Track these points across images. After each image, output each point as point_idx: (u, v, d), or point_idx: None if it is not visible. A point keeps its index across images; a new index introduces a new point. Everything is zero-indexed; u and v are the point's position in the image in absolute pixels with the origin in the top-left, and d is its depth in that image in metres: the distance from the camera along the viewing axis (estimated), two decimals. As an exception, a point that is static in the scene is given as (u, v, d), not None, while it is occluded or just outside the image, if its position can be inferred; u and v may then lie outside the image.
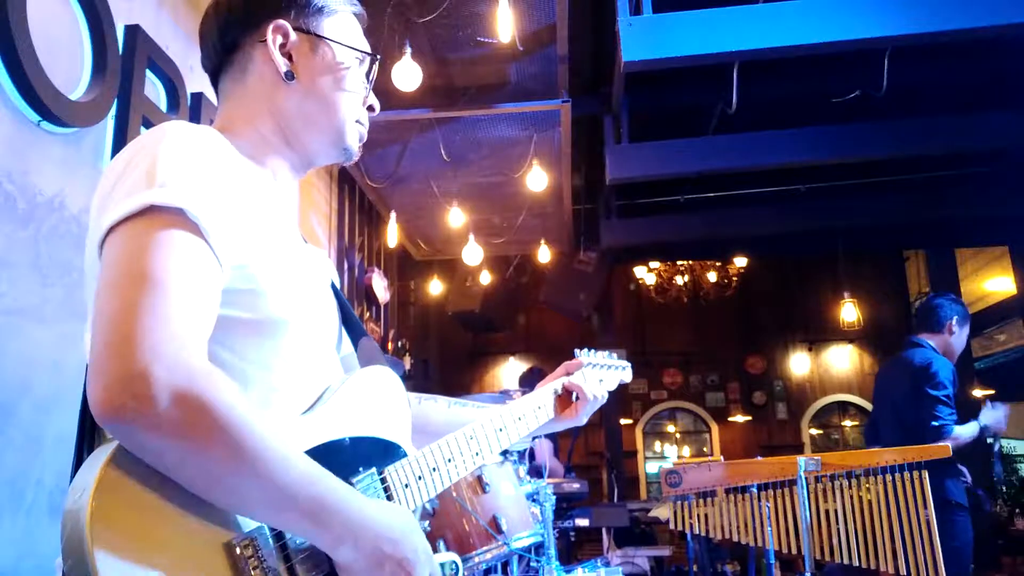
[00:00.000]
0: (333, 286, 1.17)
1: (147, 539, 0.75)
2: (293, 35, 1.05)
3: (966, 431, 2.98)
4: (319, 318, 1.03)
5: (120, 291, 0.78)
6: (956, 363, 3.17)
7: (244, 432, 0.78)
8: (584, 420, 1.42)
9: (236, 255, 0.88)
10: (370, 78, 1.13)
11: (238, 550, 0.81)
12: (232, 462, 0.78)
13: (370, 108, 1.13)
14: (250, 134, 1.05)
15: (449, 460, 1.11)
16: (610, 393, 1.57)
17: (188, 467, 0.77)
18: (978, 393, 6.74)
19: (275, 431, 0.83)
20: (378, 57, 1.12)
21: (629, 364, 1.64)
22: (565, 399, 1.41)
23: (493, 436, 1.22)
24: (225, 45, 1.07)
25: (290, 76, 1.04)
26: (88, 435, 0.88)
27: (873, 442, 3.36)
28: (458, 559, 1.11)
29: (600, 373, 1.52)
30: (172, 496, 0.78)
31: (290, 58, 1.05)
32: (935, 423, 2.91)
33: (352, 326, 1.15)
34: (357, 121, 1.10)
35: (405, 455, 1.06)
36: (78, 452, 0.89)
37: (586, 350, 1.53)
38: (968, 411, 3.13)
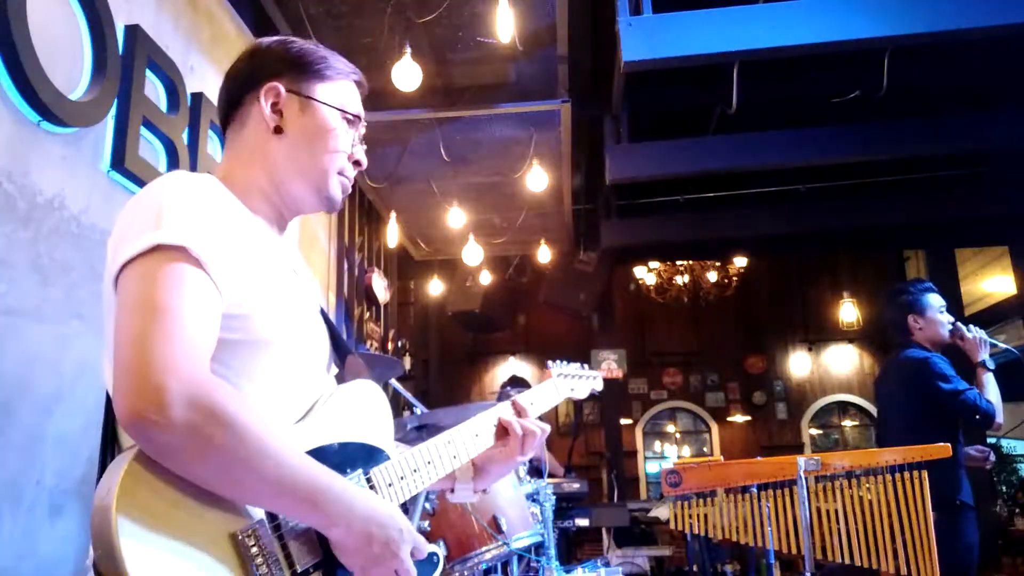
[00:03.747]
0: (323, 312, 1.28)
1: (164, 530, 0.86)
2: (285, 94, 1.17)
3: (990, 386, 2.91)
4: (306, 339, 1.15)
5: (135, 318, 0.91)
6: (951, 351, 3.12)
7: (248, 432, 0.90)
8: (527, 454, 1.38)
9: (232, 285, 1.00)
10: (358, 138, 1.25)
11: (242, 539, 0.92)
12: (238, 458, 0.89)
13: (356, 163, 1.24)
14: (245, 180, 1.16)
15: (428, 463, 1.22)
16: (609, 392, 1.57)
17: (200, 464, 0.89)
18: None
19: (274, 431, 0.95)
20: (363, 119, 1.26)
21: (600, 374, 1.76)
22: (502, 432, 1.38)
23: (470, 441, 1.32)
24: (230, 101, 1.21)
25: (278, 130, 1.16)
26: (110, 442, 1.02)
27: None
28: (439, 549, 1.19)
29: (570, 383, 1.64)
30: (185, 493, 0.90)
31: (281, 115, 1.17)
32: (980, 409, 2.81)
33: (339, 346, 1.28)
34: (340, 174, 1.21)
35: (388, 458, 1.17)
36: (102, 458, 1.04)
37: (558, 361, 1.65)
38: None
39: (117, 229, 1.02)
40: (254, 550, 0.93)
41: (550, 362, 1.63)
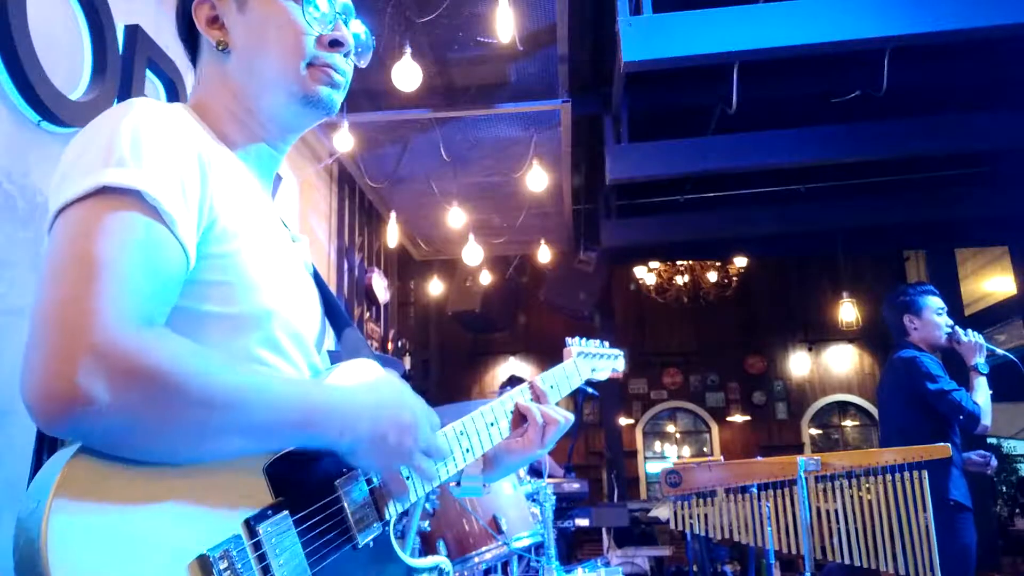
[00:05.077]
0: (315, 274, 1.11)
1: (111, 556, 0.67)
2: (220, 4, 1.00)
3: (980, 389, 2.92)
4: (300, 310, 0.97)
5: (60, 279, 0.72)
6: (949, 354, 3.13)
7: (207, 379, 0.74)
8: (548, 446, 1.21)
9: (210, 244, 0.84)
10: (329, 16, 1.01)
11: (212, 563, 0.74)
12: (205, 413, 0.73)
13: (334, 44, 1.00)
14: (216, 106, 1.00)
15: None
16: (609, 392, 1.53)
17: (163, 439, 0.72)
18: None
19: (241, 367, 0.81)
20: None
21: (621, 352, 1.58)
22: (519, 421, 1.23)
23: (484, 432, 1.17)
24: (183, 38, 1.06)
25: (222, 47, 0.99)
26: (49, 436, 0.80)
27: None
28: (449, 564, 1.07)
29: (591, 363, 1.46)
30: (139, 506, 0.71)
31: (223, 27, 0.99)
32: (965, 409, 2.82)
33: (336, 316, 1.11)
34: (312, 64, 0.98)
35: None
36: (37, 454, 0.82)
37: (578, 339, 1.46)
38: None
39: (63, 162, 0.82)
40: (227, 575, 0.75)
41: (569, 339, 1.44)
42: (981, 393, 2.92)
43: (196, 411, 0.73)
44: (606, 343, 1.54)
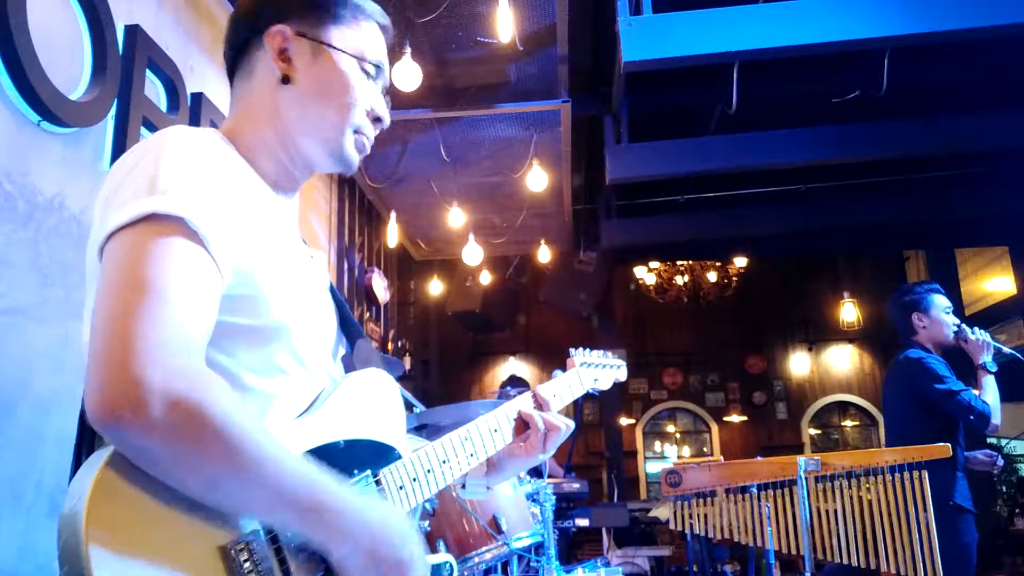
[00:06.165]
0: (332, 289, 1.17)
1: (143, 544, 0.76)
2: (294, 40, 1.05)
3: (988, 388, 2.90)
4: (317, 323, 1.04)
5: (118, 297, 0.80)
6: (954, 353, 3.12)
7: (240, 435, 0.79)
8: (549, 452, 1.28)
9: (237, 262, 0.90)
10: (380, 90, 1.11)
11: (233, 554, 0.81)
12: (229, 465, 0.79)
13: (377, 120, 1.11)
14: (252, 136, 1.05)
15: (444, 461, 1.13)
16: (609, 392, 1.56)
17: (184, 471, 0.78)
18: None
19: (271, 434, 0.85)
20: (382, 67, 1.10)
21: (623, 363, 1.63)
22: (522, 427, 1.29)
23: (488, 437, 1.22)
24: (235, 46, 1.10)
25: (285, 80, 1.04)
26: (88, 437, 0.88)
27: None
28: (453, 560, 1.12)
29: (594, 373, 1.52)
30: (168, 500, 0.79)
31: (290, 62, 1.05)
32: (975, 409, 2.79)
33: (349, 328, 1.17)
34: (356, 132, 1.08)
35: (400, 457, 1.07)
36: (77, 454, 0.89)
37: (581, 349, 1.52)
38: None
39: (106, 189, 0.90)
40: (247, 565, 0.82)
41: (572, 350, 1.50)
42: (990, 392, 2.90)
43: (226, 458, 0.79)
44: (609, 353, 1.59)
